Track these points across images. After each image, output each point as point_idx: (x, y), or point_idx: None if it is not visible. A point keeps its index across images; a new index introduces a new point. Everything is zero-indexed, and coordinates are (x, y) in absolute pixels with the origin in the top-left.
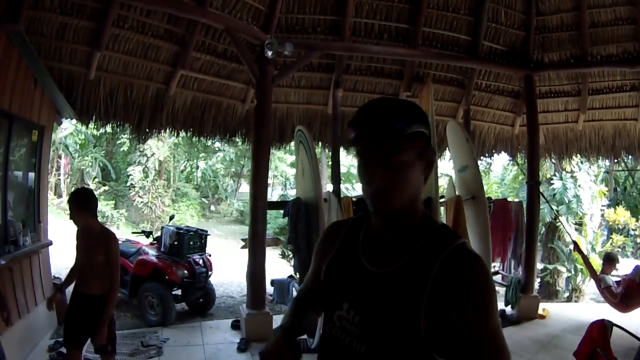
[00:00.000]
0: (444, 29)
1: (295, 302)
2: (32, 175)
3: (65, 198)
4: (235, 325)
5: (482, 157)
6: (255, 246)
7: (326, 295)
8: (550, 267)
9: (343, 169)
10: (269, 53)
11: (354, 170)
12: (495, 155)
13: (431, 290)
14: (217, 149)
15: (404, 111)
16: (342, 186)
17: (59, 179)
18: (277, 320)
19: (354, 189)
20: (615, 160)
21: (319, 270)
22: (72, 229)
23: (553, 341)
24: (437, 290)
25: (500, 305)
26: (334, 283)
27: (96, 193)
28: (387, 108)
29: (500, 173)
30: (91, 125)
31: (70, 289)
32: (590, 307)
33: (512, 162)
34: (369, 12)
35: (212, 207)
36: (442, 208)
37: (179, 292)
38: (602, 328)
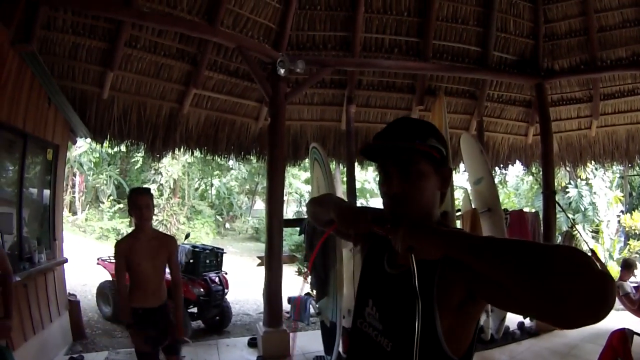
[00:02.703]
0: (453, 41)
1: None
2: (47, 193)
3: (81, 216)
4: (252, 343)
5: (496, 169)
6: (272, 264)
7: (359, 291)
8: None
9: (357, 185)
10: (281, 70)
11: (368, 185)
12: (510, 166)
13: (439, 281)
14: (230, 167)
15: (422, 129)
16: (357, 202)
17: (74, 197)
18: (296, 338)
19: (368, 204)
20: (630, 165)
21: None
22: (87, 246)
23: (572, 352)
24: (446, 277)
25: (519, 317)
26: (364, 281)
27: (111, 211)
28: (407, 126)
29: (514, 183)
30: (105, 144)
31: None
32: (609, 316)
33: (526, 171)
34: (379, 27)
35: (227, 225)
36: (458, 222)
37: (195, 309)
38: (622, 337)
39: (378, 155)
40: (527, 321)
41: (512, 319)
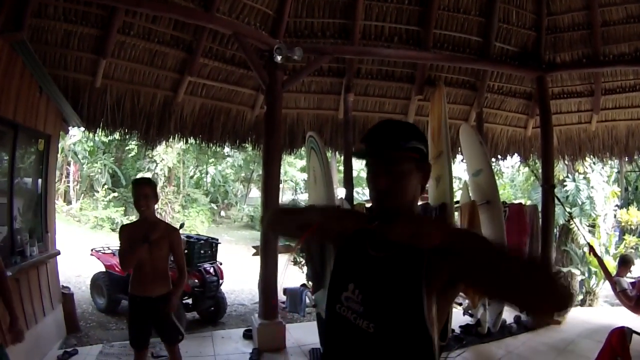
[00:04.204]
0: (455, 31)
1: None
2: (39, 184)
3: (76, 205)
4: (247, 335)
5: (494, 160)
6: (267, 255)
7: (334, 278)
8: (564, 270)
9: (354, 173)
10: (278, 58)
11: (363, 174)
12: (508, 157)
13: (427, 266)
14: (226, 154)
15: (404, 131)
16: (354, 190)
17: (69, 186)
18: (290, 330)
19: (364, 194)
20: (629, 161)
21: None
22: (82, 236)
23: (569, 347)
24: (432, 263)
25: (516, 311)
26: (342, 267)
27: (105, 200)
28: (392, 129)
29: (510, 174)
30: (99, 133)
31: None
32: (605, 311)
33: (522, 163)
34: (379, 14)
35: (222, 213)
36: (456, 213)
37: (189, 301)
38: (621, 335)
39: (367, 154)
40: (523, 315)
41: (509, 313)
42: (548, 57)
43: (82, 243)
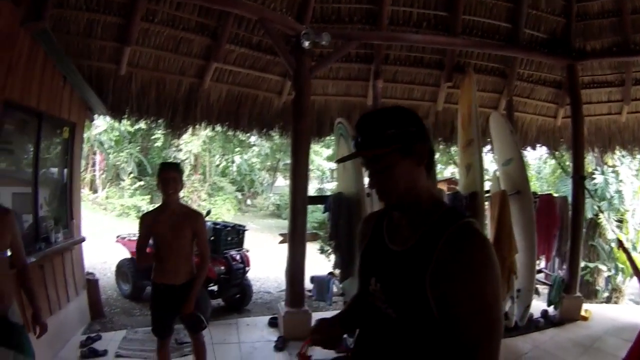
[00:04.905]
0: (483, 17)
1: (353, 298)
2: (65, 171)
3: (101, 193)
4: (273, 323)
5: (524, 150)
6: (295, 242)
7: (362, 273)
8: (591, 265)
9: None
10: (306, 44)
11: None
12: (537, 148)
13: (434, 263)
14: (252, 143)
15: (377, 123)
16: None
17: (95, 175)
18: (316, 318)
19: None
20: None
21: (362, 260)
22: (107, 224)
23: (595, 344)
24: (439, 263)
25: (543, 305)
26: (367, 263)
27: (132, 188)
28: (364, 125)
29: (536, 166)
30: (124, 121)
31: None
32: (632, 309)
33: (550, 155)
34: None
35: (248, 201)
36: (487, 203)
37: (215, 288)
38: None
39: (352, 156)
40: (550, 309)
41: (536, 307)
42: (578, 44)
43: (108, 230)
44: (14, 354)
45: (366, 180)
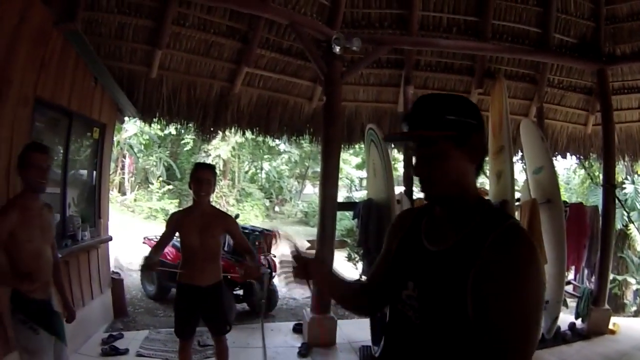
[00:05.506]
0: (513, 22)
1: (356, 281)
2: (94, 171)
3: (130, 196)
4: (297, 329)
5: (554, 158)
6: (323, 248)
7: (395, 275)
8: (619, 278)
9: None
10: (337, 49)
11: None
12: (568, 156)
13: (478, 264)
14: (281, 150)
15: (437, 107)
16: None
17: (123, 178)
18: (342, 325)
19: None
20: None
21: (388, 252)
22: (135, 225)
23: (623, 359)
24: (483, 264)
25: (571, 317)
26: (401, 264)
27: (160, 192)
28: (422, 106)
29: (565, 176)
30: (154, 124)
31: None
32: None
33: (578, 164)
34: (436, 4)
35: (277, 208)
36: (517, 212)
37: (241, 292)
38: None
39: (400, 138)
40: (578, 322)
41: (564, 319)
42: (608, 48)
43: (135, 232)
44: (54, 340)
45: (397, 183)
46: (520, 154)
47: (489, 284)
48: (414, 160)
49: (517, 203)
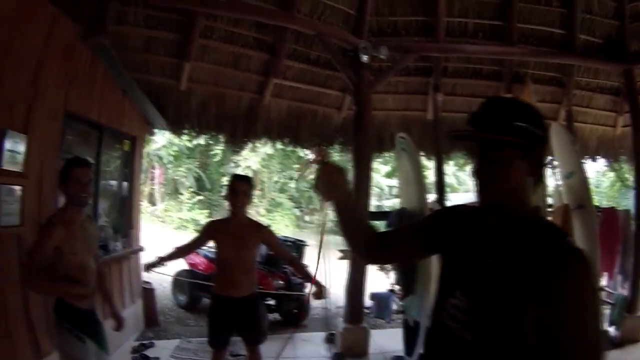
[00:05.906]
0: (537, 24)
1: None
2: (125, 182)
3: (160, 206)
4: (330, 339)
5: (585, 162)
6: (356, 258)
7: (441, 282)
8: None
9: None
10: (364, 57)
11: (447, 179)
12: (598, 159)
13: (538, 283)
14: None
15: (507, 110)
16: (445, 196)
17: (153, 189)
18: (374, 335)
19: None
20: None
21: (424, 228)
22: (166, 236)
23: None
24: (543, 283)
25: (604, 325)
26: (449, 271)
27: (190, 202)
28: (492, 107)
29: (595, 179)
30: (184, 136)
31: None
32: None
33: (608, 167)
34: (461, 10)
35: (307, 218)
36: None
37: (273, 302)
38: None
39: (465, 136)
40: (612, 330)
41: None
42: (633, 47)
43: (166, 242)
44: (96, 348)
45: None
46: (549, 158)
47: (551, 308)
48: (474, 163)
49: (549, 209)
